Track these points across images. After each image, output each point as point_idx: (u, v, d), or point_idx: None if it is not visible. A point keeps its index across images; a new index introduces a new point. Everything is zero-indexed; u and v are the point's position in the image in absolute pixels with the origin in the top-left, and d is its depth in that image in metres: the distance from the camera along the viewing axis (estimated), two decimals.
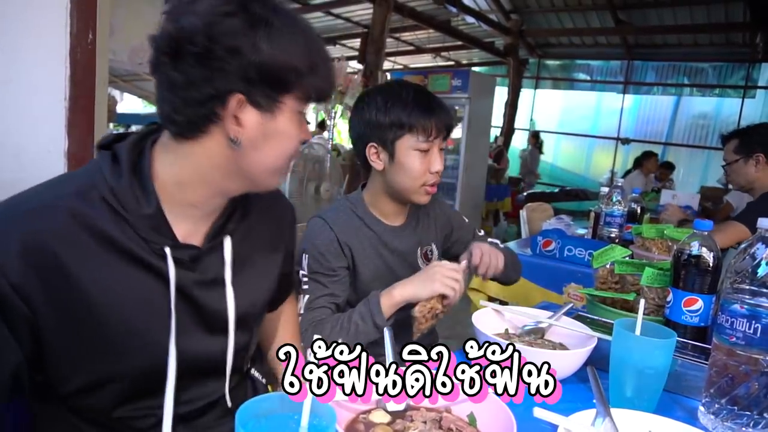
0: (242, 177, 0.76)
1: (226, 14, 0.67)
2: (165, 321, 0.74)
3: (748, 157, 2.20)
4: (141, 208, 0.71)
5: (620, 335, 0.84)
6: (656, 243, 1.70)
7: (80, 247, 0.68)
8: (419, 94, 1.27)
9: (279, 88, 0.71)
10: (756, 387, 0.76)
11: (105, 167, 0.72)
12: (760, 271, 0.77)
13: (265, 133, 0.72)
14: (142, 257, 0.72)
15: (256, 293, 0.89)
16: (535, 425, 0.72)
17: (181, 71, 0.67)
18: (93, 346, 0.72)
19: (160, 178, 0.74)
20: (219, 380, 0.85)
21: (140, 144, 0.76)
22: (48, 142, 1.46)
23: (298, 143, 0.77)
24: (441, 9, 7.76)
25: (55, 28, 1.42)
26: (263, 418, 0.51)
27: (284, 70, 0.70)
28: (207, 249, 0.79)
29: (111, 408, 0.76)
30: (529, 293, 2.21)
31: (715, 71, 8.87)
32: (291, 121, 0.74)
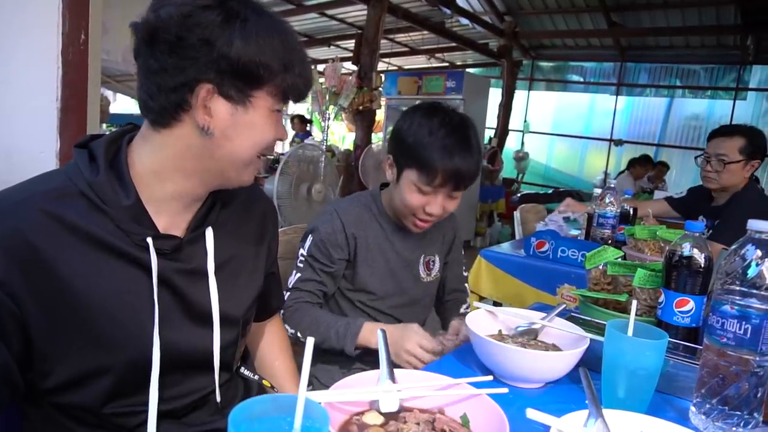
0: (215, 168, 0.77)
1: (204, 7, 0.69)
2: (149, 312, 0.75)
3: (748, 160, 2.12)
4: (120, 200, 0.73)
5: (612, 336, 0.84)
6: (648, 244, 1.71)
7: (58, 242, 0.69)
8: (450, 136, 1.20)
9: (250, 82, 0.73)
10: (746, 387, 0.77)
11: (82, 164, 0.73)
12: (750, 273, 0.78)
13: (235, 124, 0.74)
14: (123, 249, 0.73)
15: (242, 288, 0.90)
16: (528, 426, 0.72)
17: (156, 58, 0.70)
18: (78, 339, 0.72)
19: (138, 169, 0.76)
20: (207, 376, 0.85)
21: (116, 141, 0.77)
22: (40, 143, 1.45)
23: (271, 140, 0.78)
24: (435, 10, 7.77)
25: (47, 29, 1.41)
26: (256, 420, 0.51)
27: (256, 66, 0.71)
28: (189, 239, 0.80)
29: (99, 405, 0.76)
30: (522, 294, 2.22)
31: (706, 73, 8.94)
32: (264, 117, 0.76)
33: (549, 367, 0.93)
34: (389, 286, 1.40)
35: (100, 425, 0.78)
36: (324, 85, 4.84)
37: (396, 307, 1.43)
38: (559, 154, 10.50)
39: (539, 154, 10.38)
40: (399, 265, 1.40)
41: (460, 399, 0.76)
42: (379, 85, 5.96)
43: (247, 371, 1.00)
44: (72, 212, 0.70)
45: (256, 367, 1.10)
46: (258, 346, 1.11)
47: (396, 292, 1.41)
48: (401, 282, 1.41)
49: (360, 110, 5.59)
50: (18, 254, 0.67)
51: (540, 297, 2.10)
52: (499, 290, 2.33)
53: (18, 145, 1.45)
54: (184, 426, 0.84)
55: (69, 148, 1.46)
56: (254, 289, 0.93)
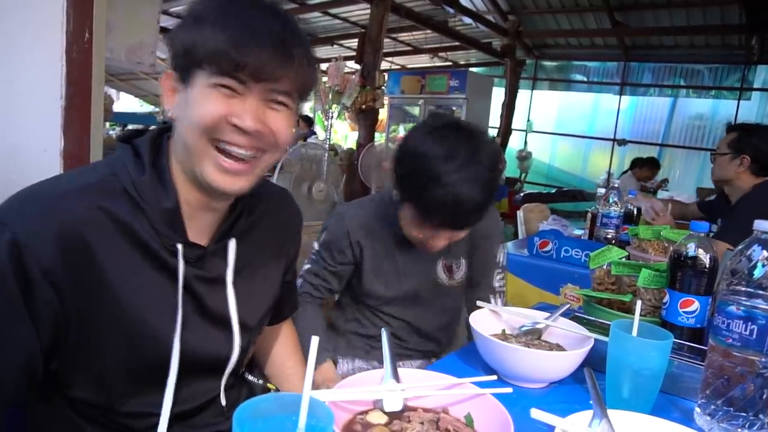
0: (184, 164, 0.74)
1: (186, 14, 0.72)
2: (172, 315, 0.75)
3: (735, 155, 2.21)
4: (161, 202, 0.73)
5: (617, 336, 0.84)
6: (653, 244, 1.70)
7: (106, 235, 0.70)
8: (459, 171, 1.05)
9: (188, 61, 0.69)
10: (752, 388, 0.76)
11: (128, 161, 0.73)
12: (756, 273, 0.77)
13: (183, 104, 0.71)
14: (156, 251, 0.73)
15: (259, 297, 0.90)
16: (532, 426, 0.72)
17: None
18: (105, 332, 0.72)
19: (177, 169, 0.76)
20: (216, 379, 0.86)
21: (158, 139, 0.77)
22: (44, 142, 1.45)
23: (207, 116, 0.68)
24: (438, 9, 7.76)
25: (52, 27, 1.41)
26: (260, 418, 0.51)
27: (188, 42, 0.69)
28: (212, 250, 0.80)
29: (114, 402, 0.76)
30: (525, 294, 2.22)
31: (711, 73, 8.90)
32: (202, 93, 0.69)
33: (553, 366, 0.93)
34: (398, 291, 1.36)
35: (110, 425, 0.78)
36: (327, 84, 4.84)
37: (410, 313, 1.39)
38: (562, 153, 10.47)
39: (542, 153, 10.35)
40: (412, 270, 1.35)
41: (464, 398, 0.76)
42: (382, 84, 5.96)
43: (251, 376, 1.01)
44: (118, 208, 0.71)
45: (268, 367, 1.11)
46: (271, 349, 1.11)
47: (408, 297, 1.37)
48: (414, 287, 1.36)
49: (363, 109, 5.58)
50: (68, 244, 0.67)
51: (543, 297, 2.10)
52: None
53: (22, 143, 1.45)
54: (189, 428, 0.84)
55: (73, 147, 1.47)
56: (270, 297, 0.94)
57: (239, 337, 0.85)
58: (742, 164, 2.19)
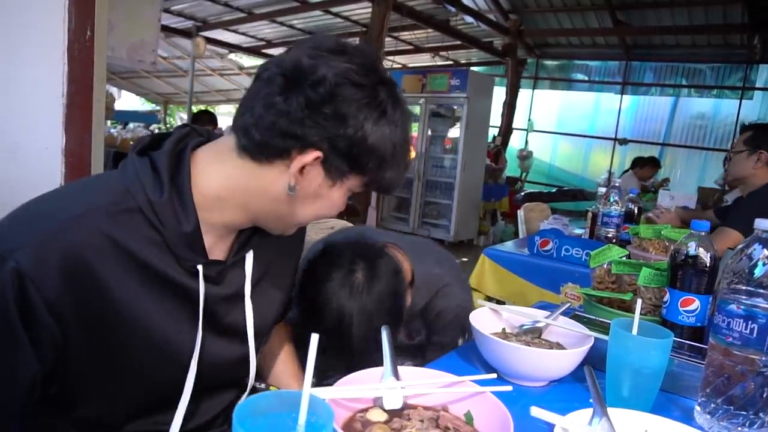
0: (273, 217, 0.77)
1: (356, 84, 0.68)
2: (190, 338, 0.74)
3: (752, 151, 2.24)
4: (180, 226, 0.70)
5: (617, 335, 0.84)
6: (653, 243, 1.70)
7: (112, 263, 0.67)
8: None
9: (355, 167, 0.72)
10: (752, 387, 0.76)
11: (145, 178, 0.69)
12: (756, 272, 0.77)
13: (318, 194, 0.73)
14: (171, 277, 0.71)
15: (272, 306, 0.90)
16: (532, 424, 0.72)
17: (286, 100, 0.67)
18: (117, 362, 0.71)
19: (202, 190, 0.72)
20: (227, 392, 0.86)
21: (178, 148, 0.74)
22: (45, 140, 1.45)
23: (335, 214, 0.79)
24: (440, 8, 7.76)
25: (53, 25, 1.42)
26: (260, 416, 0.51)
27: (369, 156, 0.71)
28: (231, 264, 0.79)
29: (121, 423, 0.75)
30: (526, 293, 2.22)
31: (713, 72, 8.88)
32: (342, 195, 0.75)
33: (553, 365, 0.93)
34: None
35: None
36: None
37: None
38: (563, 152, 10.47)
39: (543, 152, 10.35)
40: None
41: (464, 396, 0.76)
42: None
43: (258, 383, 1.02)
44: (128, 233, 0.68)
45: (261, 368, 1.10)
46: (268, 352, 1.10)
47: None
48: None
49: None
50: (73, 273, 0.64)
51: (543, 296, 2.10)
52: (502, 289, 2.33)
53: (23, 140, 1.45)
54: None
55: (74, 144, 1.47)
56: (282, 304, 0.94)
57: (255, 348, 0.84)
58: (760, 160, 2.23)
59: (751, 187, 2.27)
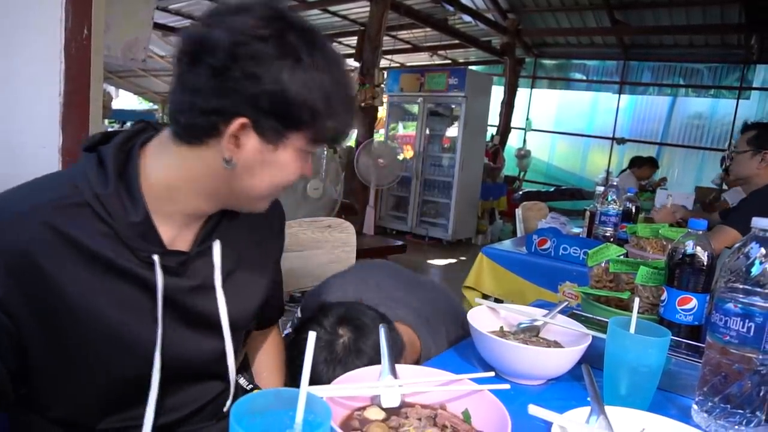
0: (229, 195, 0.74)
1: (259, 38, 0.64)
2: (151, 330, 0.72)
3: (756, 151, 2.24)
4: (128, 216, 0.69)
5: (615, 333, 0.84)
6: (651, 242, 1.71)
7: (61, 258, 0.66)
8: None
9: (289, 124, 0.68)
10: (749, 385, 0.77)
11: (90, 172, 0.69)
12: (753, 271, 0.77)
13: (262, 161, 0.70)
14: (127, 268, 0.70)
15: (248, 298, 0.88)
16: (530, 422, 0.72)
17: (194, 75, 0.65)
18: (77, 356, 0.71)
19: (150, 180, 0.72)
20: (205, 385, 0.85)
21: (127, 145, 0.73)
22: (42, 138, 1.45)
23: (293, 179, 0.74)
24: (438, 7, 7.75)
25: (50, 24, 1.41)
26: (258, 414, 0.51)
27: (299, 108, 0.67)
28: (195, 254, 0.77)
29: (95, 421, 0.75)
30: (523, 291, 2.22)
31: (710, 72, 8.90)
32: (293, 158, 0.71)
33: (551, 363, 0.93)
34: None
35: None
36: None
37: None
38: (561, 152, 10.48)
39: (541, 151, 10.36)
40: None
41: (462, 395, 0.76)
42: (382, 81, 5.95)
43: (243, 379, 1.00)
44: (77, 227, 0.67)
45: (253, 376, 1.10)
46: (254, 357, 1.10)
47: None
48: None
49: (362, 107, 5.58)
50: (19, 270, 0.64)
51: (541, 294, 2.10)
52: (500, 287, 2.33)
53: (20, 139, 1.45)
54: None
55: (71, 143, 1.46)
56: (260, 296, 0.91)
57: (231, 340, 0.83)
58: (764, 160, 2.22)
59: (753, 187, 2.27)
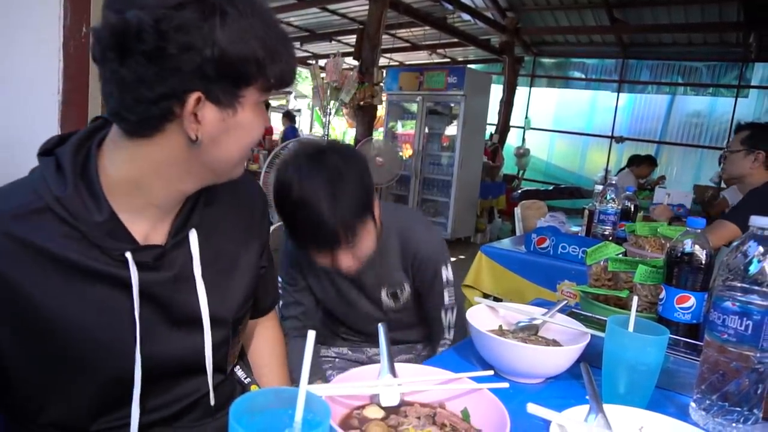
0: (203, 172, 0.73)
1: (177, 6, 0.60)
2: (130, 328, 0.71)
3: (750, 151, 2.26)
4: (92, 215, 0.67)
5: (613, 332, 0.84)
6: (649, 241, 1.71)
7: (27, 267, 0.65)
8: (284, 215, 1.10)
9: (239, 81, 0.66)
10: (747, 383, 0.77)
11: (49, 175, 0.67)
12: (751, 269, 0.78)
13: (226, 128, 0.68)
14: (98, 269, 0.68)
15: (232, 287, 0.86)
16: (528, 421, 0.72)
17: (129, 68, 0.61)
18: (57, 362, 0.70)
19: (111, 178, 0.70)
20: (197, 379, 0.83)
21: (85, 144, 0.71)
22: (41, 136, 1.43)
23: (260, 132, 0.73)
24: (437, 6, 7.75)
25: (49, 22, 1.41)
26: (257, 413, 0.51)
27: (243, 63, 0.65)
28: (171, 246, 0.75)
29: (85, 423, 0.74)
30: (522, 290, 2.22)
31: (708, 70, 8.91)
32: (252, 114, 0.70)
33: (550, 362, 0.93)
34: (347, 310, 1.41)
35: None
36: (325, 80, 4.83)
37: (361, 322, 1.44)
38: (560, 150, 10.49)
39: (540, 150, 10.37)
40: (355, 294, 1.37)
41: (461, 393, 0.76)
42: (381, 80, 5.95)
43: (241, 371, 0.98)
44: (40, 233, 0.65)
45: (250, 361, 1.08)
46: (250, 348, 1.08)
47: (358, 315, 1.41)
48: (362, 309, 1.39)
49: (361, 105, 5.58)
50: None
51: (540, 293, 2.10)
52: (499, 286, 2.33)
53: (19, 137, 1.44)
54: (177, 429, 0.82)
55: None
56: (246, 286, 0.89)
57: (213, 331, 0.81)
58: (757, 160, 2.24)
59: (748, 186, 2.28)
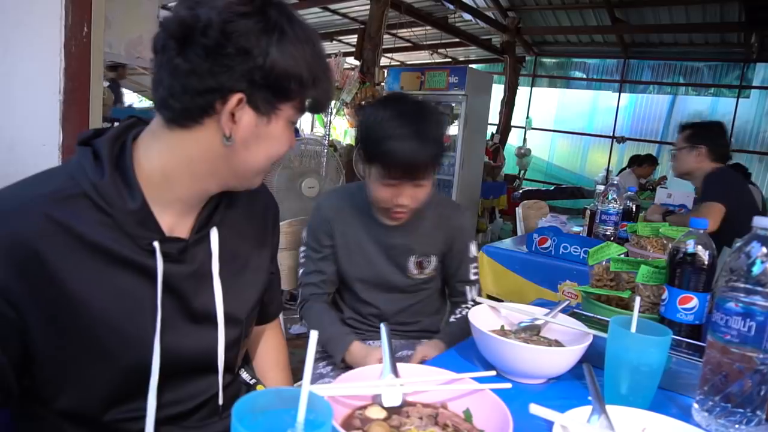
0: (228, 175, 0.76)
1: (243, 14, 0.67)
2: (150, 317, 0.73)
3: (693, 147, 2.48)
4: (126, 203, 0.71)
5: (616, 332, 0.84)
6: (651, 241, 1.71)
7: (61, 247, 0.67)
8: (402, 126, 1.21)
9: (280, 95, 0.72)
10: (749, 385, 0.77)
11: (86, 163, 0.71)
12: (754, 270, 0.77)
13: (257, 135, 0.73)
14: (126, 256, 0.71)
15: (246, 287, 0.89)
16: (531, 422, 0.72)
17: (186, 59, 0.67)
18: (78, 345, 0.71)
19: (145, 169, 0.73)
20: (209, 378, 0.84)
21: (121, 137, 0.75)
22: (42, 136, 1.45)
23: (285, 149, 0.78)
24: (438, 6, 7.74)
25: (50, 21, 1.41)
26: (259, 413, 0.51)
27: (288, 79, 0.71)
28: (194, 241, 0.78)
29: (99, 411, 0.75)
30: (523, 290, 2.22)
31: (710, 71, 8.89)
32: (283, 129, 0.76)
33: (552, 362, 0.93)
34: (369, 275, 1.43)
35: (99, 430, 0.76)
36: None
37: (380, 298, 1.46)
38: (561, 150, 10.48)
39: (541, 150, 10.35)
40: (382, 257, 1.42)
41: (463, 394, 0.76)
42: (382, 80, 5.95)
43: (246, 373, 1.00)
44: (76, 217, 0.68)
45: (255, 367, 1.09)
46: (255, 353, 1.10)
47: (377, 283, 1.44)
48: (386, 274, 1.43)
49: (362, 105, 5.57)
50: (19, 259, 0.65)
51: (541, 293, 2.10)
52: (500, 286, 2.33)
53: (20, 136, 1.44)
54: (183, 429, 0.83)
55: (71, 141, 1.46)
56: (258, 288, 0.93)
57: (227, 330, 0.83)
58: (700, 154, 2.46)
59: (699, 179, 2.47)
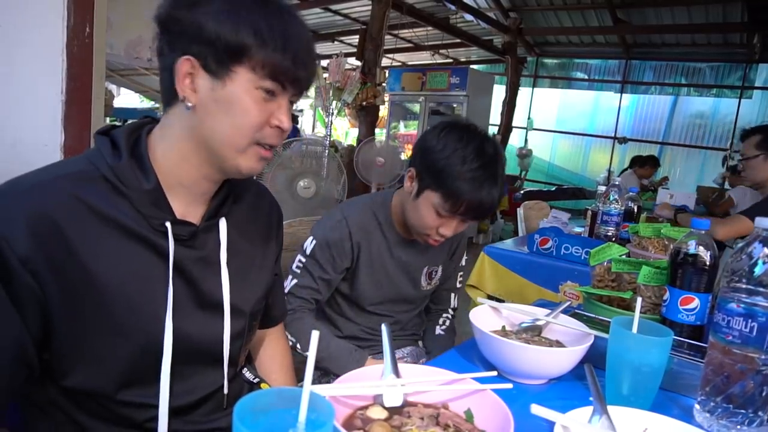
0: (206, 152, 0.77)
1: None
2: (162, 297, 0.75)
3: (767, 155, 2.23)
4: (141, 184, 0.74)
5: (617, 333, 0.84)
6: (653, 242, 1.70)
7: (81, 222, 0.70)
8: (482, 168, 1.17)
9: (231, 56, 0.71)
10: (751, 385, 0.76)
11: (105, 149, 0.75)
12: (756, 270, 0.77)
13: (215, 99, 0.73)
14: (141, 233, 0.74)
15: (251, 283, 0.91)
16: (532, 422, 0.72)
17: (158, 41, 0.74)
18: (95, 321, 0.72)
19: (156, 155, 0.78)
20: (215, 372, 0.86)
21: (136, 131, 0.79)
22: (44, 136, 1.45)
23: (254, 122, 0.74)
24: (440, 6, 7.74)
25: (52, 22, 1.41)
26: (261, 413, 0.51)
27: (235, 38, 0.70)
28: (203, 228, 0.81)
29: (112, 391, 0.76)
30: (524, 291, 2.22)
31: (712, 71, 8.88)
32: (244, 93, 0.73)
33: (553, 363, 0.93)
34: (386, 293, 1.42)
35: (109, 417, 0.78)
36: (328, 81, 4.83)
37: (394, 310, 1.47)
38: (562, 151, 10.47)
39: (543, 151, 10.35)
40: (398, 273, 1.41)
41: (465, 394, 0.76)
42: (383, 80, 5.95)
43: (249, 373, 1.00)
44: (95, 196, 0.72)
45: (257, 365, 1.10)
46: (258, 356, 1.11)
47: (393, 300, 1.44)
48: (400, 289, 1.43)
49: (363, 106, 5.57)
50: (43, 233, 0.67)
51: (542, 294, 2.10)
52: (501, 287, 2.33)
53: (22, 137, 1.45)
54: (189, 423, 0.84)
55: (73, 141, 1.47)
56: (262, 285, 0.94)
57: (230, 321, 0.84)
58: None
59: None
